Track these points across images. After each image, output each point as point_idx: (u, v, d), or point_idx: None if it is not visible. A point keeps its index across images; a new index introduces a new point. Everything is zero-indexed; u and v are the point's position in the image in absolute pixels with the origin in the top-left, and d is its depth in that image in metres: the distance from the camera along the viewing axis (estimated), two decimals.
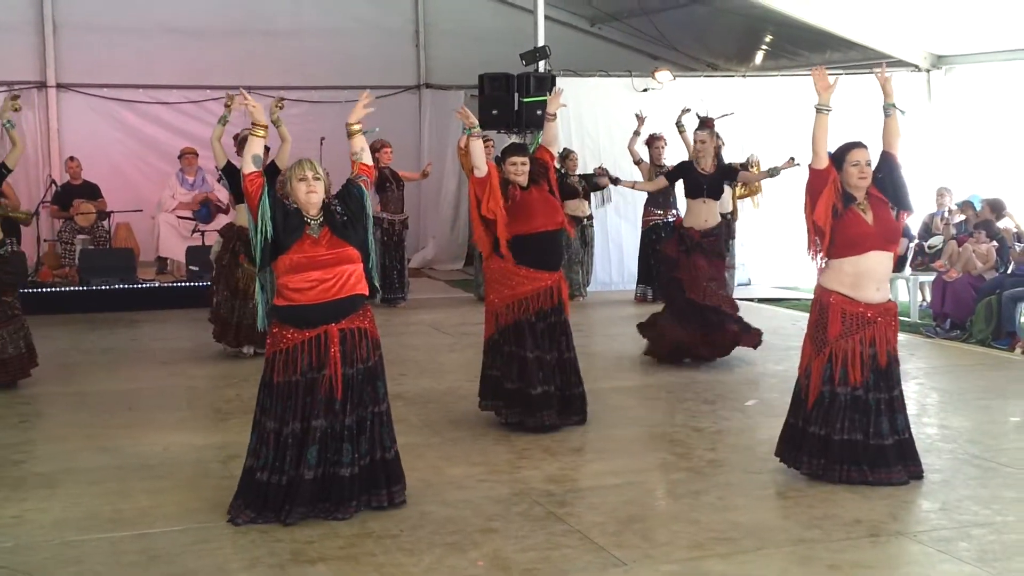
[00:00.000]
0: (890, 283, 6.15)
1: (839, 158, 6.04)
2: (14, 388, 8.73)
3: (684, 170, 9.88)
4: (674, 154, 12.63)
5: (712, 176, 9.76)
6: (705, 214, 9.73)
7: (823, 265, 6.12)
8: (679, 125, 11.59)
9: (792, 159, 11.26)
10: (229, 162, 10.28)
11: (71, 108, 16.19)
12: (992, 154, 14.42)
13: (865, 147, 6.08)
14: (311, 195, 5.55)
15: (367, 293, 5.71)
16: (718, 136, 9.98)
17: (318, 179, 5.58)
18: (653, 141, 13.12)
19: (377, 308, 13.24)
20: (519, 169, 7.25)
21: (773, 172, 10.43)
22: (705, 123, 9.83)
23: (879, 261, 6.01)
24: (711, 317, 9.52)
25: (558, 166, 13.88)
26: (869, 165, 6.03)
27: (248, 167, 5.59)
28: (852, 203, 6.02)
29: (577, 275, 13.79)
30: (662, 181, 10.38)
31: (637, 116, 12.81)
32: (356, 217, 5.64)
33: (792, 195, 14.49)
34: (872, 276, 6.00)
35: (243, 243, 10.03)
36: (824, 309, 6.02)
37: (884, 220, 6.03)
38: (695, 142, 9.89)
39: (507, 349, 7.19)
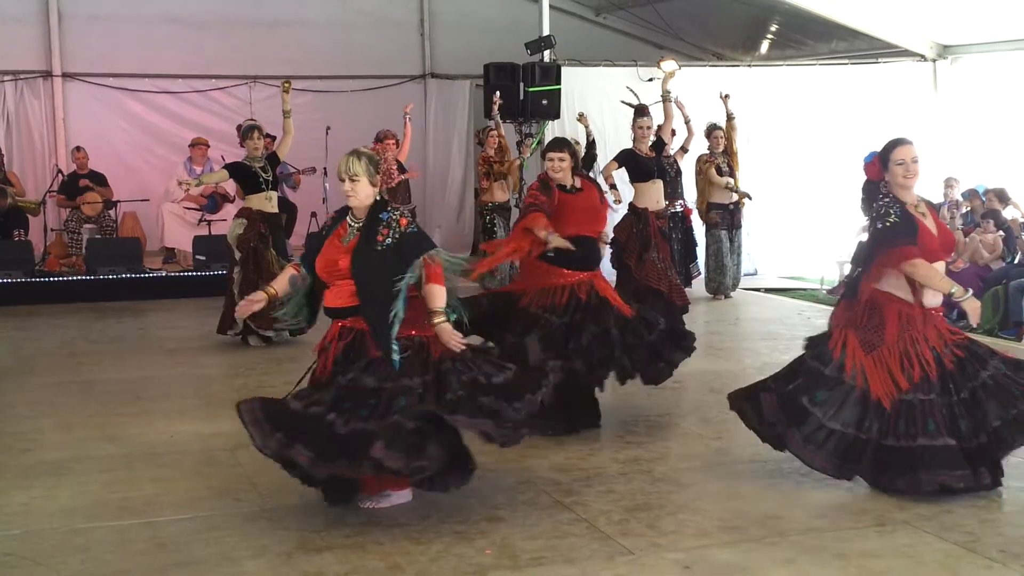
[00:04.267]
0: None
1: (883, 157, 5.78)
2: (22, 377, 8.77)
3: (629, 157, 10.01)
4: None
5: (655, 158, 10.15)
6: (656, 195, 10.10)
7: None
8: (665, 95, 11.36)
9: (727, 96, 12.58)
10: (236, 162, 10.28)
11: (77, 97, 16.19)
12: (999, 144, 14.39)
13: (910, 143, 5.79)
14: (349, 199, 5.40)
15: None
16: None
17: (354, 180, 5.34)
18: (712, 132, 13.06)
19: None
20: (556, 166, 7.01)
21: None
22: (643, 110, 10.02)
23: (941, 268, 5.91)
24: (655, 302, 9.55)
25: None
26: (916, 163, 5.75)
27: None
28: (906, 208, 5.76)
29: None
30: (615, 164, 10.38)
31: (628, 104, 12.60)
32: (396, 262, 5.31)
33: (800, 185, 14.58)
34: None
35: (269, 227, 10.04)
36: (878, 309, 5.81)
37: (943, 228, 5.90)
38: (641, 128, 10.01)
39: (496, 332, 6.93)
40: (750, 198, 12.93)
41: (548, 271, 6.94)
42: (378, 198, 5.42)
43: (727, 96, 12.91)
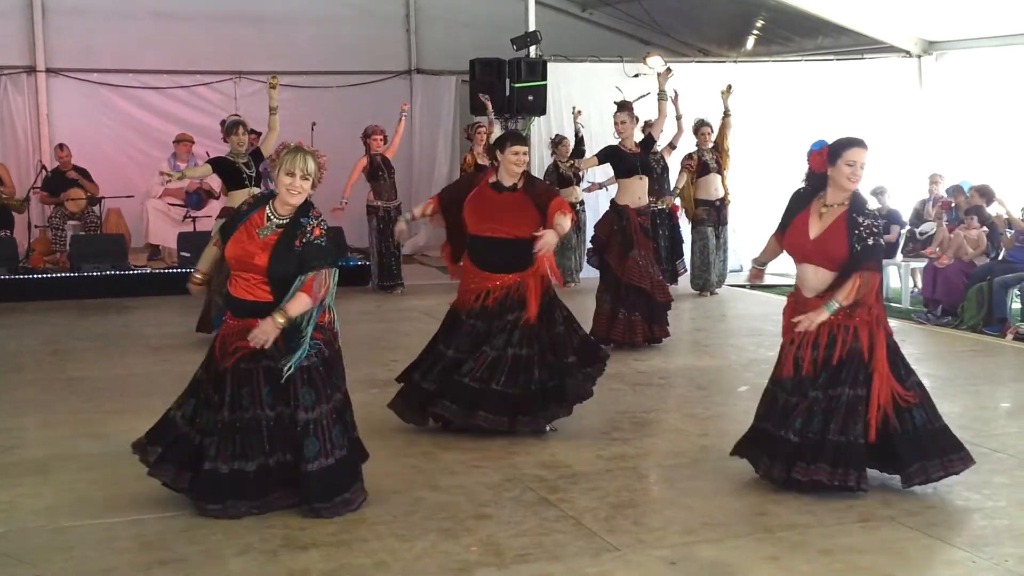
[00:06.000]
0: (883, 269, 6.04)
1: (835, 152, 5.63)
2: (5, 375, 8.72)
3: (612, 153, 9.99)
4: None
5: (640, 154, 10.01)
6: (639, 191, 9.95)
7: None
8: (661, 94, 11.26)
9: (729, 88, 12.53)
10: (219, 157, 10.27)
11: (60, 93, 16.12)
12: (983, 140, 14.44)
13: (866, 147, 5.64)
14: (292, 195, 5.36)
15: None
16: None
17: (305, 179, 5.36)
18: (699, 128, 13.07)
19: (372, 294, 13.32)
20: (521, 160, 6.90)
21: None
22: (624, 105, 10.02)
23: (813, 272, 5.72)
24: (638, 299, 9.59)
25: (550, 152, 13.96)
26: (863, 168, 5.63)
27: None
28: (815, 199, 5.72)
29: (569, 261, 13.77)
30: (594, 160, 10.35)
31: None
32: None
33: (786, 181, 14.58)
34: (805, 284, 5.76)
35: None
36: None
37: (833, 238, 5.62)
38: (615, 123, 9.98)
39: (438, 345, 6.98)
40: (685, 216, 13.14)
41: (473, 274, 6.94)
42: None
43: (729, 89, 12.84)
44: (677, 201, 13.22)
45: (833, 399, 5.57)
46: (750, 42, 17.95)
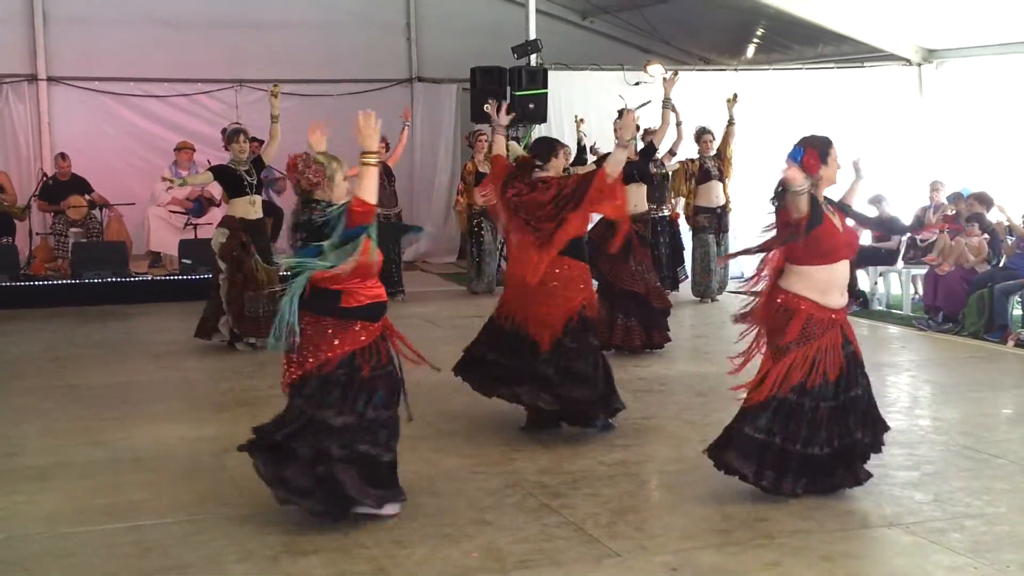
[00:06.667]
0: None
1: (824, 152, 5.59)
2: (6, 382, 8.73)
3: None
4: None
5: (638, 162, 10.09)
6: (636, 198, 10.08)
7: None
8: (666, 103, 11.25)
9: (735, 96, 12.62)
10: (221, 165, 10.29)
11: (62, 101, 16.13)
12: (984, 148, 14.46)
13: None
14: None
15: None
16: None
17: None
18: (701, 135, 13.07)
19: None
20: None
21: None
22: (623, 113, 10.05)
23: (843, 267, 5.72)
24: (631, 304, 9.58)
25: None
26: None
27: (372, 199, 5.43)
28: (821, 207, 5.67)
29: None
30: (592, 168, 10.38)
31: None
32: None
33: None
34: (837, 281, 5.69)
35: (250, 234, 10.01)
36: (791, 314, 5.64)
37: (848, 228, 5.82)
38: (615, 130, 10.03)
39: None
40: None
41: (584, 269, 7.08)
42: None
43: (735, 98, 12.87)
44: (679, 210, 13.22)
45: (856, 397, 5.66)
46: (750, 50, 17.97)
